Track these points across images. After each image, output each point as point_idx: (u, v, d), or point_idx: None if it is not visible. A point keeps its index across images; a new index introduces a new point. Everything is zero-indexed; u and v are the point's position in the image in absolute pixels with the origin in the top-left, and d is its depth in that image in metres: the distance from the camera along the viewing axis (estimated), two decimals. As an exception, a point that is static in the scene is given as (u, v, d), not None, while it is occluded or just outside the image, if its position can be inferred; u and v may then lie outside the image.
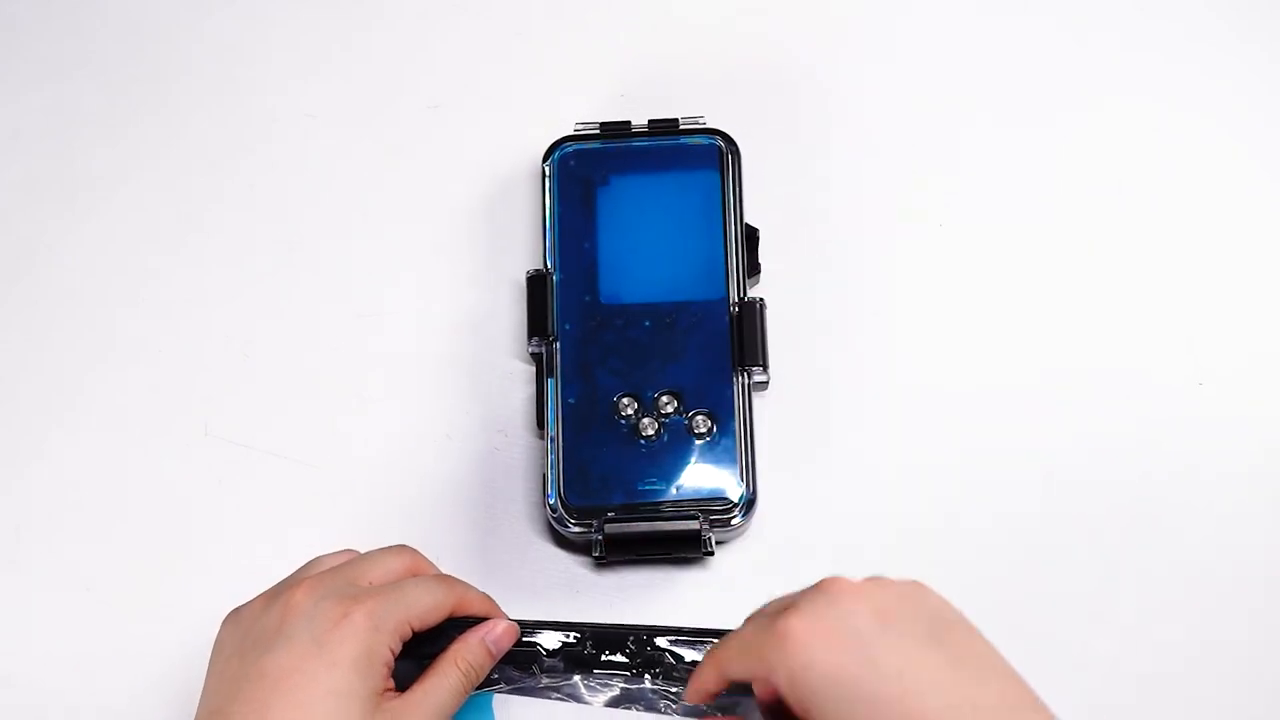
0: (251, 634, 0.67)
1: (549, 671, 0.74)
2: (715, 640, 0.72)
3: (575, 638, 0.74)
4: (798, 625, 0.60)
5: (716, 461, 0.80)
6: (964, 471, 0.83)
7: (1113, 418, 0.84)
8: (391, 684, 0.68)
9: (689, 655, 0.73)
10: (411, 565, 0.72)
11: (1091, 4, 0.92)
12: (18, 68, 0.93)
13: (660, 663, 0.73)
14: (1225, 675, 0.80)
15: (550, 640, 0.74)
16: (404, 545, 0.73)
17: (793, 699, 0.60)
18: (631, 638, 0.74)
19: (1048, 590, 0.81)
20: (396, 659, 0.69)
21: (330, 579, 0.69)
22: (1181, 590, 0.81)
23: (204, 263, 0.88)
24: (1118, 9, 0.92)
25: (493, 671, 0.73)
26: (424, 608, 0.69)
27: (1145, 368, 0.85)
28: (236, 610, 0.70)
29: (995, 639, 0.80)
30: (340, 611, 0.66)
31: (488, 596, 0.74)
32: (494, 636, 0.71)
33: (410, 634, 0.69)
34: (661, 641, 0.74)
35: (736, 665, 0.64)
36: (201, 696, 0.68)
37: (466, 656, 0.70)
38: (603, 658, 0.74)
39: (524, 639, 0.74)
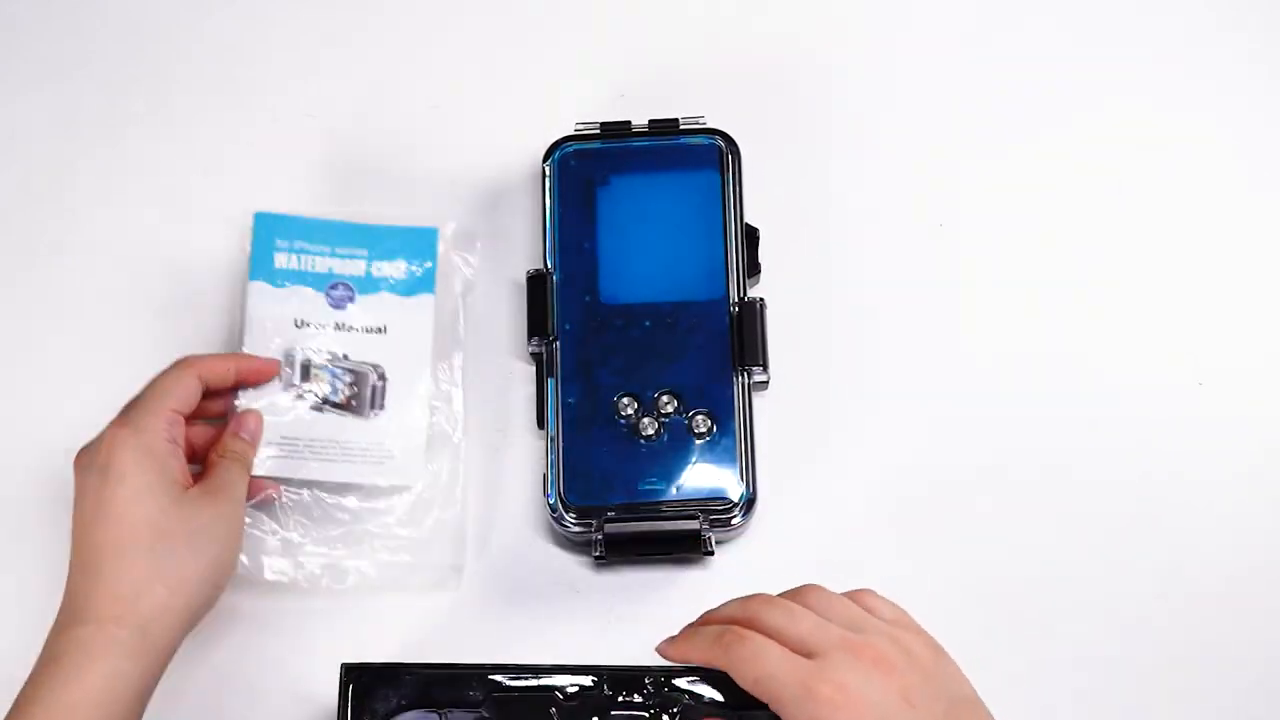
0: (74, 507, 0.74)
1: (566, 716, 0.72)
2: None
3: (593, 681, 0.72)
4: (825, 689, 0.63)
5: (716, 461, 0.80)
6: (964, 471, 0.83)
7: (1113, 417, 0.84)
8: (189, 479, 0.75)
9: (708, 694, 0.72)
10: (193, 367, 0.78)
11: (1092, 6, 0.92)
12: (18, 68, 0.93)
13: (679, 703, 0.71)
14: (1226, 674, 0.80)
15: (566, 684, 0.72)
16: (182, 359, 0.78)
17: None
18: (649, 678, 0.72)
19: (1048, 589, 0.81)
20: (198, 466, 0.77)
21: (128, 406, 0.76)
22: (1182, 590, 0.81)
23: (204, 263, 0.88)
24: (1118, 11, 0.92)
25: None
26: (174, 394, 0.76)
27: (1145, 368, 0.85)
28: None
29: (995, 634, 0.80)
30: (104, 438, 0.74)
31: (228, 356, 0.81)
32: (245, 428, 0.80)
33: (179, 419, 0.75)
34: (680, 681, 0.72)
35: (749, 678, 0.65)
36: None
37: (228, 447, 0.78)
38: (620, 699, 0.72)
39: (540, 683, 0.72)
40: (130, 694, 0.69)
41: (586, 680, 0.72)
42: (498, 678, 0.72)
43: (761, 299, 0.82)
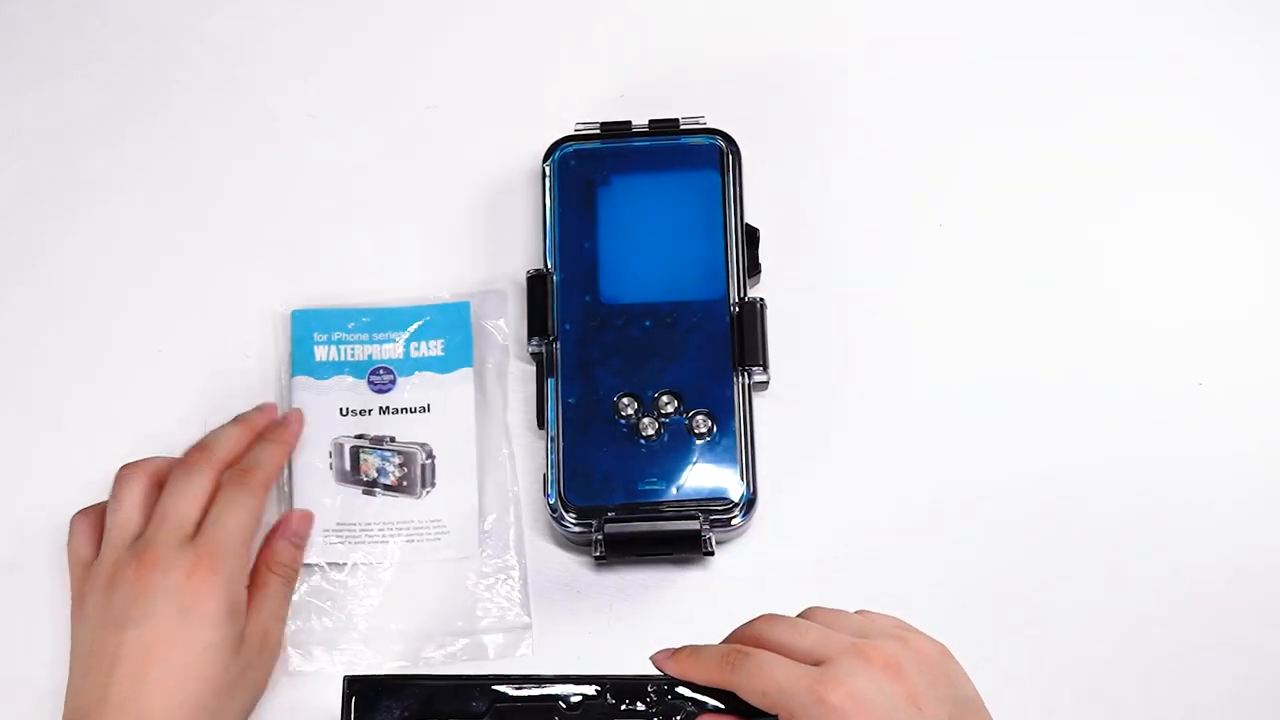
0: (114, 605, 0.72)
1: None
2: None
3: (596, 690, 0.71)
4: (836, 695, 0.62)
5: (717, 461, 0.80)
6: (964, 471, 0.83)
7: (1113, 417, 0.84)
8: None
9: (713, 703, 0.71)
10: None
11: (1091, 5, 0.92)
12: (18, 68, 0.93)
13: (682, 710, 0.71)
14: (1226, 673, 0.80)
15: (569, 693, 0.71)
16: (241, 475, 0.77)
17: None
18: (652, 686, 0.70)
19: (1048, 589, 0.81)
20: None
21: (167, 526, 0.74)
22: (1182, 589, 0.81)
23: (204, 263, 0.88)
24: (1117, 11, 0.92)
25: None
26: (248, 524, 0.75)
27: (1145, 368, 0.85)
28: (92, 565, 0.75)
29: (997, 635, 0.80)
30: (185, 572, 0.72)
31: (276, 448, 0.79)
32: (291, 529, 0.79)
33: (250, 538, 0.76)
34: (684, 690, 0.70)
35: (757, 692, 0.65)
36: (72, 669, 0.73)
37: (277, 559, 0.78)
38: (623, 707, 0.71)
39: (543, 692, 0.71)
40: None
41: (590, 689, 0.71)
42: (501, 688, 0.71)
43: (762, 299, 0.82)
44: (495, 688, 0.71)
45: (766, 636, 0.66)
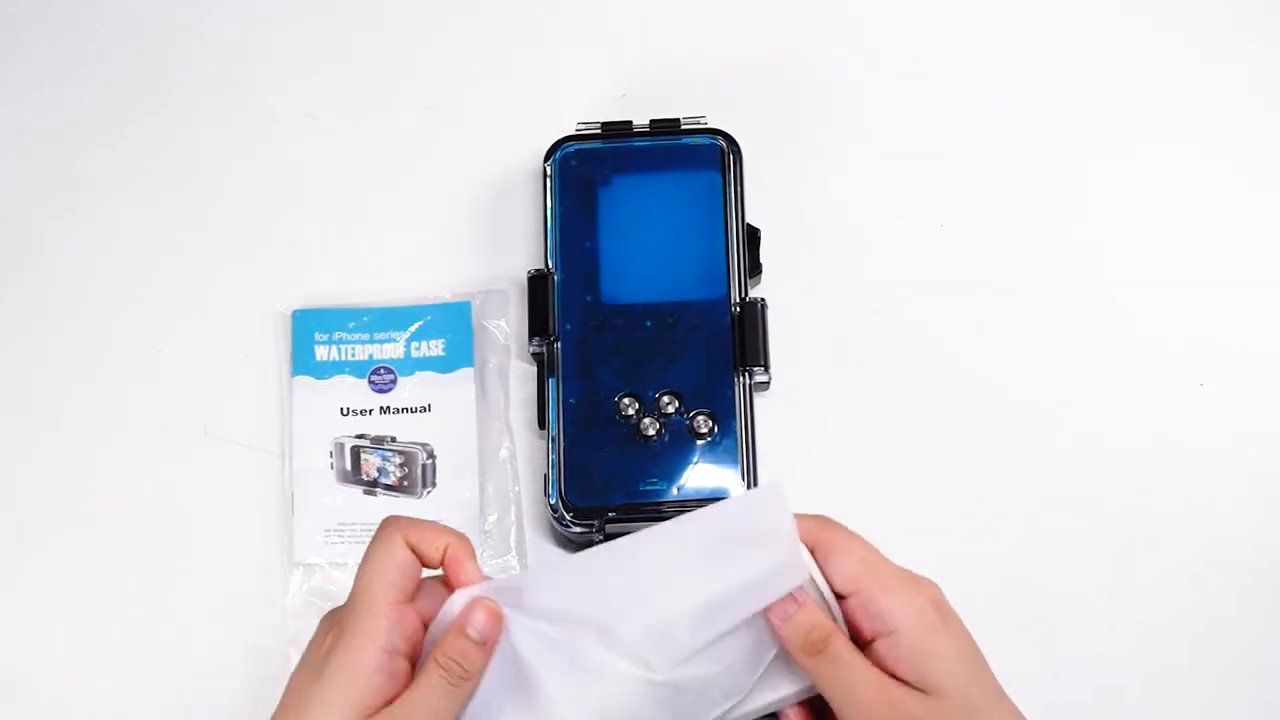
0: None
1: None
2: None
3: None
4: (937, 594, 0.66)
5: (718, 461, 0.80)
6: (965, 471, 0.83)
7: (1114, 417, 0.84)
8: (395, 690, 0.64)
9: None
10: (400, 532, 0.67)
11: (1091, 7, 0.92)
12: (18, 68, 0.93)
13: None
14: (1226, 671, 0.80)
15: None
16: (387, 521, 0.68)
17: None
18: None
19: (1049, 588, 0.81)
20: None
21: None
22: (1182, 588, 0.81)
23: (204, 263, 0.88)
24: (1117, 11, 0.92)
25: None
26: (391, 579, 0.65)
27: (1146, 368, 0.85)
28: None
29: (998, 636, 0.80)
30: (331, 621, 0.66)
31: (455, 535, 0.68)
32: (475, 624, 0.64)
33: (403, 612, 0.65)
34: None
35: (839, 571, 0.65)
36: None
37: (447, 652, 0.64)
38: None
39: None
40: None
41: None
42: None
43: (763, 299, 0.82)
44: None
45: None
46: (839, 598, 0.65)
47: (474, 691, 0.65)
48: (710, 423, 0.80)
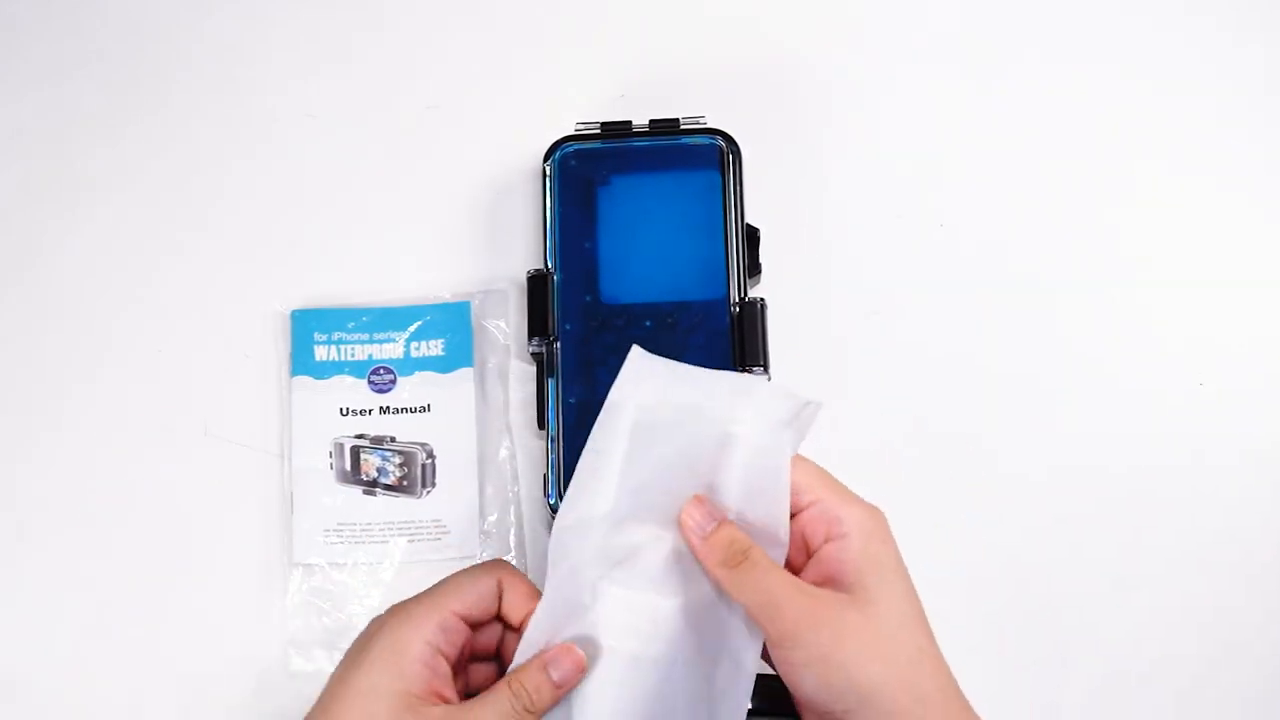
0: None
1: None
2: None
3: None
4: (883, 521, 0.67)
5: (717, 461, 0.80)
6: (965, 471, 0.83)
7: (1114, 418, 0.84)
8: (446, 690, 0.66)
9: None
10: (496, 573, 0.69)
11: (1090, 6, 0.92)
12: (18, 68, 0.93)
13: None
14: (1223, 674, 0.80)
15: None
16: (494, 562, 0.70)
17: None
18: None
19: (1047, 587, 0.81)
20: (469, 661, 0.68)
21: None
22: (1181, 589, 0.81)
23: (204, 263, 0.88)
24: (1116, 10, 0.92)
25: None
26: (463, 594, 0.67)
27: (1146, 368, 0.85)
28: None
29: (999, 633, 0.80)
30: (384, 616, 0.67)
31: (536, 590, 0.69)
32: (559, 667, 0.66)
33: (461, 626, 0.67)
34: None
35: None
36: None
37: (523, 680, 0.66)
38: None
39: None
40: None
41: None
42: None
43: (762, 299, 0.82)
44: None
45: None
46: (797, 513, 0.67)
47: None
48: (710, 423, 0.80)
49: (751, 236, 0.84)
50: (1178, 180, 0.89)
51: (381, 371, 0.85)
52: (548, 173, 0.85)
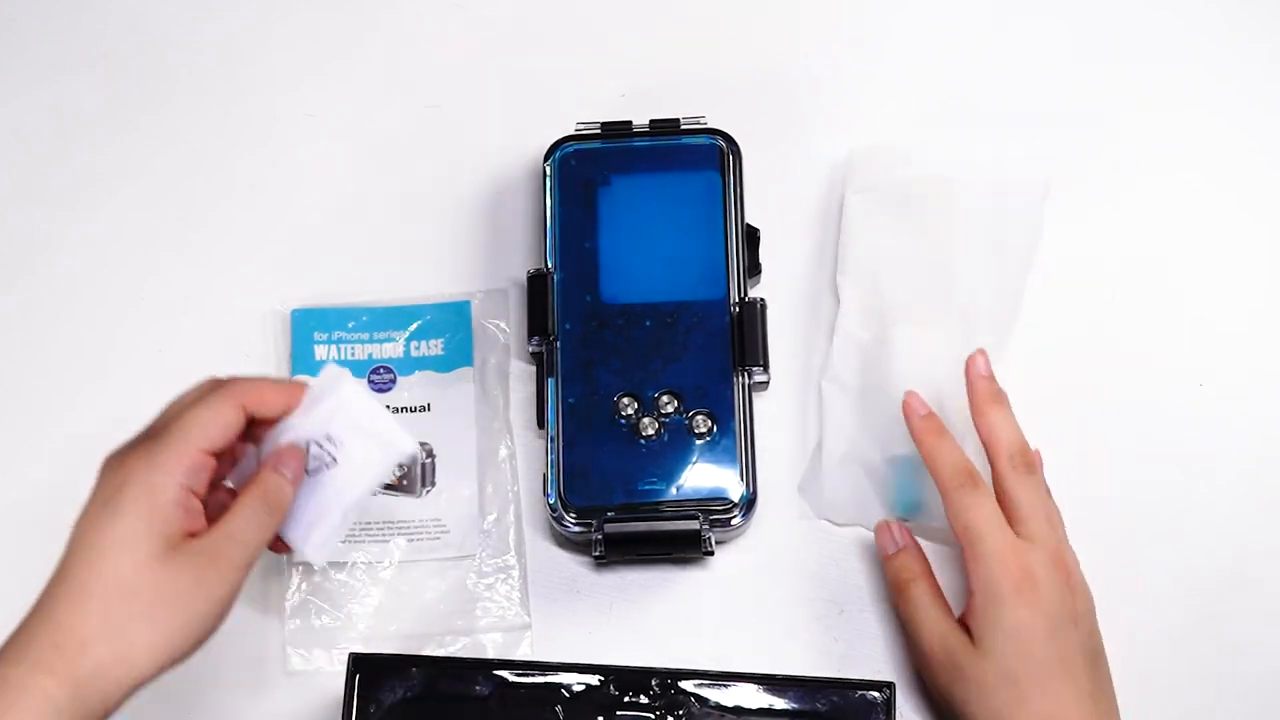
0: None
1: (571, 713, 0.71)
2: (742, 684, 0.71)
3: (599, 680, 0.72)
4: (1019, 569, 0.72)
5: (717, 461, 0.80)
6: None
7: (1113, 419, 0.84)
8: (199, 523, 0.67)
9: (714, 697, 0.71)
10: (235, 396, 0.69)
11: (1096, 11, 0.92)
12: (18, 67, 0.93)
13: (684, 705, 0.71)
14: (1222, 674, 0.80)
15: (573, 682, 0.72)
16: (227, 385, 0.69)
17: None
18: (655, 680, 0.71)
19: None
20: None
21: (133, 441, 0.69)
22: (1181, 588, 0.81)
23: (204, 262, 0.88)
24: (1115, 10, 0.92)
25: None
26: (207, 431, 0.67)
27: (1146, 369, 0.85)
28: None
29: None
30: (118, 463, 0.67)
31: (294, 386, 0.71)
32: (288, 466, 0.69)
33: (208, 461, 0.67)
34: (687, 684, 0.71)
35: (961, 521, 0.74)
36: None
37: (264, 484, 0.68)
38: (626, 699, 0.71)
39: (546, 679, 0.72)
40: None
41: (593, 679, 0.72)
42: (504, 673, 0.72)
43: (762, 299, 0.82)
44: (498, 673, 0.72)
45: (1000, 470, 0.75)
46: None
47: (276, 527, 0.68)
48: (709, 422, 0.80)
49: (751, 236, 0.84)
50: (1178, 180, 0.88)
51: (381, 371, 0.85)
52: (548, 172, 0.85)
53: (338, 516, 0.70)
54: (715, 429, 0.80)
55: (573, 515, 0.79)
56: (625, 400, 0.80)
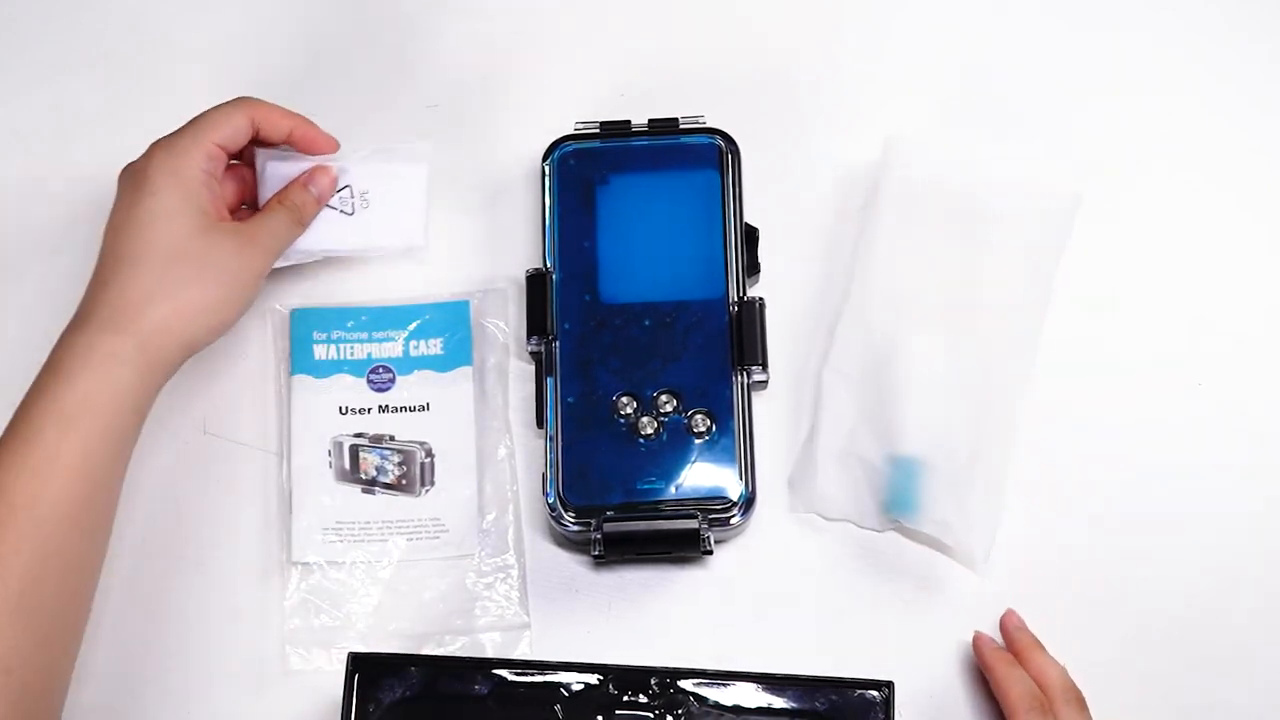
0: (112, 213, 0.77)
1: (570, 712, 0.71)
2: (741, 683, 0.71)
3: (599, 679, 0.72)
4: None
5: (716, 461, 0.80)
6: (963, 471, 0.83)
7: (1112, 418, 0.84)
8: (225, 212, 0.78)
9: (713, 696, 0.71)
10: (247, 109, 0.79)
11: (1095, 13, 0.92)
12: (18, 67, 0.93)
13: (683, 704, 0.71)
14: (1222, 674, 0.80)
15: (572, 681, 0.72)
16: (241, 98, 0.80)
17: None
18: (654, 679, 0.71)
19: (1044, 588, 0.81)
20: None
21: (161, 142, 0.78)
22: (1180, 589, 0.81)
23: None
24: (1116, 8, 0.92)
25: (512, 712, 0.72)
26: (221, 129, 0.77)
27: (1144, 368, 0.85)
28: None
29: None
30: (139, 163, 0.76)
31: (299, 117, 0.81)
32: (317, 186, 0.81)
33: (221, 155, 0.77)
34: (686, 683, 0.71)
35: (1002, 690, 0.75)
36: None
37: (292, 197, 0.80)
38: (625, 698, 0.71)
39: (545, 678, 0.72)
40: (126, 403, 0.72)
41: (592, 678, 0.72)
42: (503, 672, 0.72)
43: (761, 299, 0.82)
44: (497, 672, 0.72)
45: (1026, 656, 0.77)
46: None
47: (298, 236, 0.80)
48: (708, 422, 0.80)
49: (750, 236, 0.84)
50: (1178, 180, 0.89)
51: (380, 370, 0.85)
52: (547, 172, 0.85)
53: (315, 250, 0.82)
54: (714, 428, 0.80)
55: (572, 515, 0.79)
56: (624, 400, 0.81)
